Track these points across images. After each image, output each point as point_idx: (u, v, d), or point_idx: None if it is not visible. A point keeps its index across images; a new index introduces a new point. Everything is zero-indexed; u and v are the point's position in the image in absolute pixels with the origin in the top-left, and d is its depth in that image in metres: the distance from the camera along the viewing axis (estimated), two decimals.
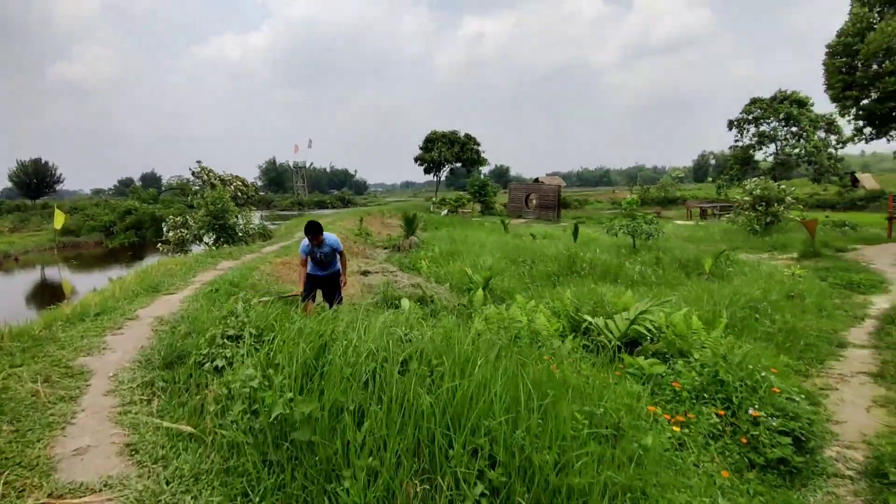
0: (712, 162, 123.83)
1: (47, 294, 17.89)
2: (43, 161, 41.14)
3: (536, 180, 73.45)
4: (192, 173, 17.85)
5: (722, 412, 4.16)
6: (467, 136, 38.87)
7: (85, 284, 19.36)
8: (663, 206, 50.79)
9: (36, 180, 40.31)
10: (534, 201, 41.62)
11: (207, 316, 4.75)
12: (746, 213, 20.42)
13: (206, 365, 3.72)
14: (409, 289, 8.59)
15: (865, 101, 21.95)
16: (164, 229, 18.30)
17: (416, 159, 39.05)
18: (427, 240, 17.45)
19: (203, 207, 15.76)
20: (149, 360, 3.91)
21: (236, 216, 16.61)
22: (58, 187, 45.72)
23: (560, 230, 26.92)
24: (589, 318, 6.30)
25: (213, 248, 13.49)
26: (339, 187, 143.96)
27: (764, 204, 20.01)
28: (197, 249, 16.80)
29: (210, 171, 17.98)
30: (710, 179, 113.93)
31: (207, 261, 9.19)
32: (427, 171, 39.55)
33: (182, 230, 17.33)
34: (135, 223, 21.67)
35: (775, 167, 35.40)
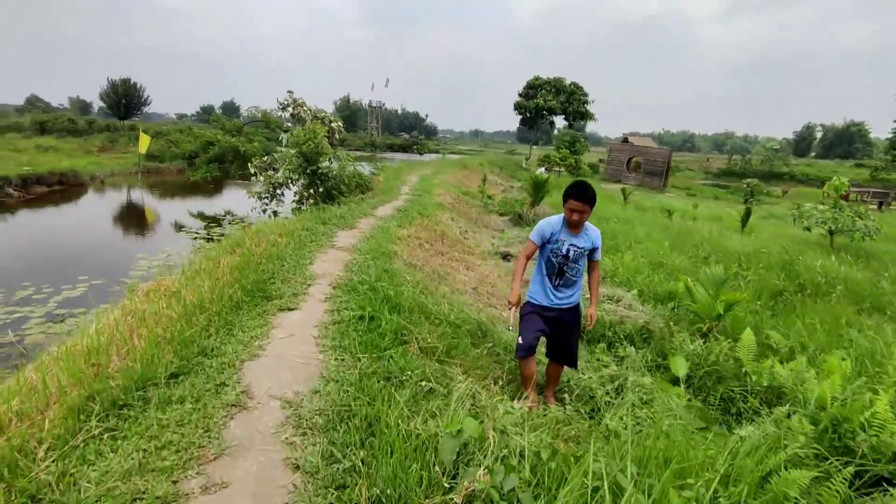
0: (818, 135, 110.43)
1: (134, 218, 16.98)
2: (132, 82, 40.81)
3: (625, 141, 66.85)
4: (281, 106, 15.51)
5: None
6: (574, 84, 33.80)
7: (167, 213, 18.19)
8: (766, 181, 44.24)
9: (125, 101, 40.08)
10: (639, 166, 36.75)
11: (393, 415, 2.10)
12: None
13: None
14: (610, 306, 5.67)
15: None
16: (252, 170, 16.36)
17: (515, 107, 34.50)
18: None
19: (295, 147, 13.38)
20: None
21: (330, 159, 14.15)
22: (145, 109, 45.64)
23: (690, 204, 22.69)
24: None
25: (314, 204, 11.17)
26: (409, 130, 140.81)
27: None
28: (288, 196, 14.77)
29: (302, 103, 15.52)
30: (814, 155, 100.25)
31: (318, 229, 6.65)
32: (524, 123, 35.17)
33: (271, 172, 15.21)
34: (217, 155, 19.91)
35: None
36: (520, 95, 34.51)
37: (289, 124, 15.24)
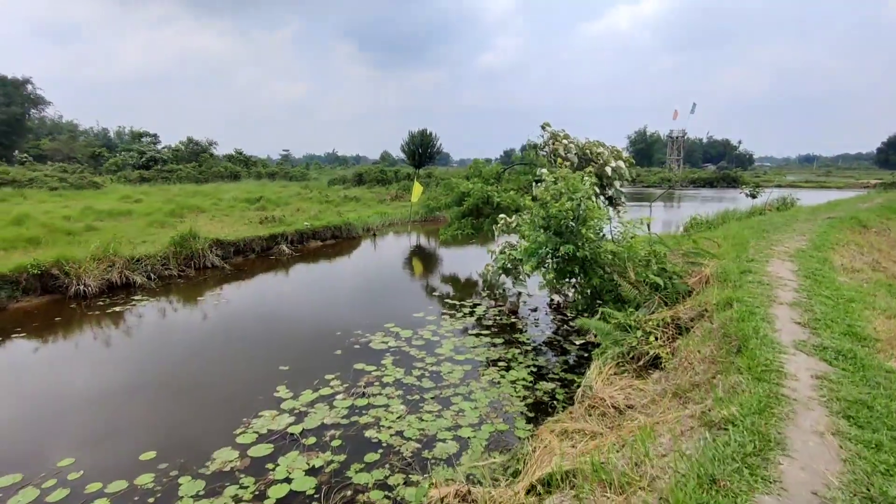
0: None
1: (399, 268, 16.14)
2: (428, 132, 43.87)
3: None
4: (532, 144, 10.31)
5: None
6: None
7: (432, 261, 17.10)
8: None
9: (421, 150, 43.26)
10: None
11: None
12: None
13: None
14: None
15: None
16: (496, 233, 11.77)
17: None
18: None
19: (537, 211, 7.69)
20: None
21: (600, 229, 7.92)
22: (438, 156, 48.85)
23: None
24: None
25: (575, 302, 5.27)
26: (716, 161, 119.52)
27: None
28: (534, 283, 9.25)
29: (564, 135, 9.93)
30: None
31: None
32: None
33: (511, 243, 10.03)
34: (471, 209, 16.05)
35: None
36: None
37: (542, 170, 9.73)
